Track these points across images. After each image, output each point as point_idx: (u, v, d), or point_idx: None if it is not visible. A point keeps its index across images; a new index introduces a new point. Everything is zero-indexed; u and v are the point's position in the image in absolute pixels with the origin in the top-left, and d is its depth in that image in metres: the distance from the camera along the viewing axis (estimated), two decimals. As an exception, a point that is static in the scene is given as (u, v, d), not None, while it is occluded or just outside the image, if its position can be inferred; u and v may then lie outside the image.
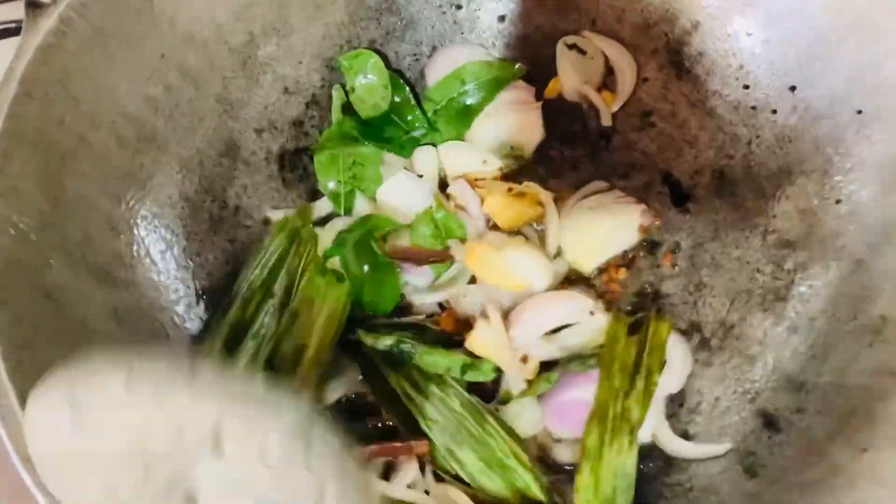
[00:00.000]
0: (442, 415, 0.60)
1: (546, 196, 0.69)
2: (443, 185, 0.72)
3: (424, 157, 0.72)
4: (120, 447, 0.38)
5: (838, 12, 0.61)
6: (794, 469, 0.54)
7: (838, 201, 0.62)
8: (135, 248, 0.62)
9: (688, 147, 0.71)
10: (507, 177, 0.72)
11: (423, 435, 0.60)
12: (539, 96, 0.74)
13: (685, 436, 0.61)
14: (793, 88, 0.66)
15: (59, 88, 0.57)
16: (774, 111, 0.67)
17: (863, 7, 0.59)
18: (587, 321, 0.64)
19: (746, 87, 0.69)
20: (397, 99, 0.73)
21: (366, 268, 0.66)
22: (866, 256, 0.59)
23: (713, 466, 0.59)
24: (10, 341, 0.48)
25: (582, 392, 0.61)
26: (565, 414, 0.62)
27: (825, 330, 0.60)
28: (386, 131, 0.73)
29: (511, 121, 0.72)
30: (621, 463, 0.57)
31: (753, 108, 0.69)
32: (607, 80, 0.75)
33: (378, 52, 0.73)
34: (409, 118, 0.73)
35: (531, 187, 0.69)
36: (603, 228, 0.68)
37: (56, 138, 0.57)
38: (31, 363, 0.48)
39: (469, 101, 0.73)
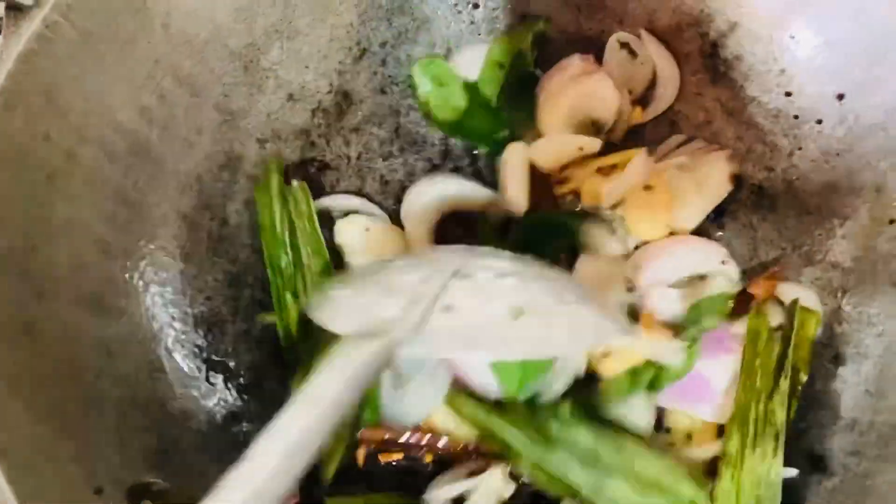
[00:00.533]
0: (574, 457, 0.55)
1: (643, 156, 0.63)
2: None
3: (514, 156, 0.67)
4: (378, 290, 0.50)
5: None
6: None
7: (892, 221, 0.58)
8: (128, 274, 0.57)
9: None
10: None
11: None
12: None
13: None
14: (841, 97, 0.61)
15: (43, 100, 0.53)
16: (820, 121, 0.63)
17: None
18: (718, 273, 0.60)
19: (789, 93, 0.64)
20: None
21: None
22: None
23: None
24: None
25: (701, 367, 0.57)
26: (679, 387, 0.58)
27: (884, 362, 0.55)
28: (475, 129, 0.70)
29: (580, 94, 0.67)
30: (765, 470, 0.54)
31: (796, 117, 0.64)
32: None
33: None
34: (492, 117, 0.69)
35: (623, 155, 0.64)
36: (697, 183, 0.63)
37: (42, 155, 0.53)
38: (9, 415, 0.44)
39: (519, 77, 0.69)
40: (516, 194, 0.65)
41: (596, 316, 0.50)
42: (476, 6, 0.71)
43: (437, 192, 0.66)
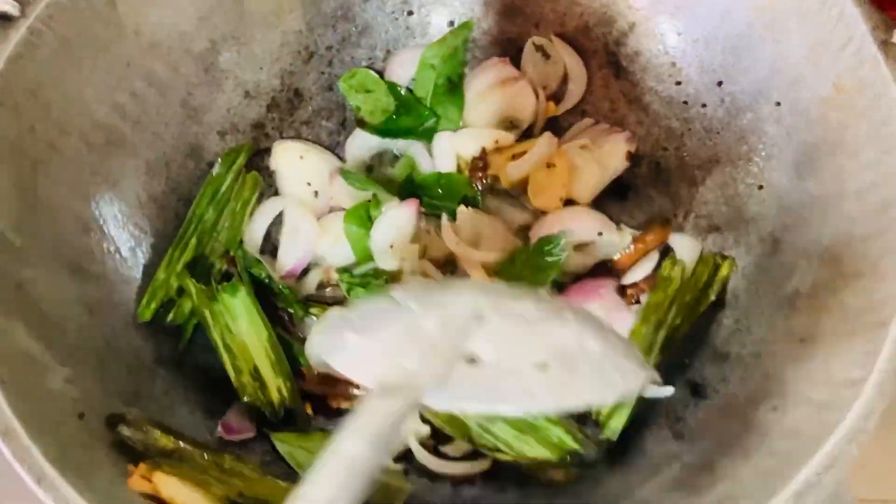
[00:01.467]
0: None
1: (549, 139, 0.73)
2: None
3: (443, 144, 0.76)
4: (397, 337, 0.47)
5: (758, 14, 0.66)
6: (715, 430, 0.59)
7: (760, 187, 0.68)
8: (105, 245, 0.66)
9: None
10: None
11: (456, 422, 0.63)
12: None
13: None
14: (720, 83, 0.71)
15: (29, 97, 0.60)
16: (704, 105, 0.73)
17: (778, 9, 0.64)
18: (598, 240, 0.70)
19: (678, 83, 0.74)
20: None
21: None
22: (783, 237, 0.64)
23: (647, 433, 0.63)
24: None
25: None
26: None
27: (748, 305, 0.65)
28: (403, 128, 0.78)
29: (502, 96, 0.76)
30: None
31: (685, 102, 0.74)
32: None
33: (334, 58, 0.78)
34: (415, 113, 0.78)
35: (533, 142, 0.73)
36: (597, 161, 0.73)
37: (27, 144, 0.60)
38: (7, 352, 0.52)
39: (449, 77, 0.77)
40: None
41: (623, 363, 0.46)
42: (410, 13, 0.80)
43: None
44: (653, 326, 0.65)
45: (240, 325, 0.65)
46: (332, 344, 0.49)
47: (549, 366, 0.45)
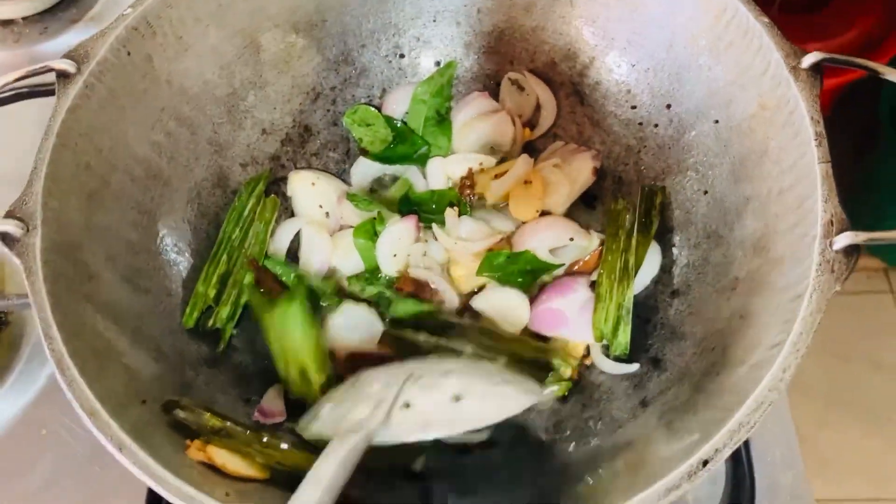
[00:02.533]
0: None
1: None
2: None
3: (435, 168, 0.88)
4: (352, 400, 0.68)
5: (695, 47, 0.78)
6: (673, 396, 0.69)
7: (705, 192, 0.79)
8: (151, 263, 0.76)
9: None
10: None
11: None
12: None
13: (597, 383, 0.77)
14: (669, 106, 0.83)
15: (85, 139, 0.70)
16: (656, 125, 0.84)
17: (710, 42, 0.76)
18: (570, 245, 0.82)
19: (634, 107, 0.86)
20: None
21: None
22: (724, 233, 0.75)
23: (617, 404, 0.74)
24: (64, 335, 0.61)
25: (557, 303, 0.79)
26: (544, 319, 0.80)
27: (699, 292, 0.76)
28: (399, 155, 0.90)
29: (485, 126, 0.88)
30: (624, 298, 0.77)
31: (640, 123, 0.85)
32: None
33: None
34: (410, 142, 0.90)
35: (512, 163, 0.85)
36: (567, 176, 0.85)
37: (84, 179, 0.70)
38: (79, 354, 0.62)
39: (438, 111, 0.90)
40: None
41: (517, 389, 0.66)
42: (402, 56, 0.92)
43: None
44: (619, 253, 0.79)
45: (293, 331, 0.75)
46: (310, 421, 0.69)
47: (462, 398, 0.63)
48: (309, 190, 0.86)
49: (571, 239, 0.81)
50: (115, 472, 0.69)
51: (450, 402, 0.63)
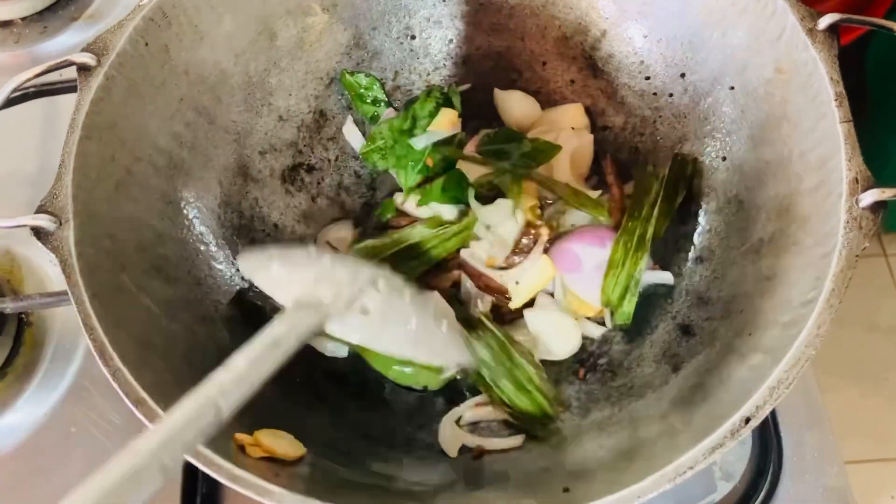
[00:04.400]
0: (486, 355, 0.76)
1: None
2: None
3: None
4: (313, 276, 0.63)
5: (707, 14, 0.79)
6: (705, 360, 0.70)
7: (724, 158, 0.80)
8: (178, 252, 0.77)
9: (608, 131, 0.89)
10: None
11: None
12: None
13: (627, 350, 0.79)
14: (683, 75, 0.84)
15: (109, 132, 0.71)
16: (671, 95, 0.85)
17: (723, 9, 0.77)
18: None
19: (648, 78, 0.87)
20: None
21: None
22: (745, 197, 0.76)
23: (647, 368, 0.75)
24: (104, 326, 0.62)
25: (578, 248, 0.80)
26: (562, 256, 0.80)
27: (722, 256, 0.77)
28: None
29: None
30: (636, 269, 0.78)
31: (655, 94, 0.86)
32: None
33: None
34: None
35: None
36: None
37: (110, 171, 0.71)
38: (119, 342, 0.63)
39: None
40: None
41: (452, 342, 0.68)
42: (413, 37, 0.93)
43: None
44: (639, 221, 0.79)
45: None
46: (258, 266, 0.67)
47: (412, 327, 0.64)
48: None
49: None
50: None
51: (403, 325, 0.64)
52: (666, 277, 0.80)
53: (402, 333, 0.64)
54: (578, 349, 0.80)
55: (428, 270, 0.83)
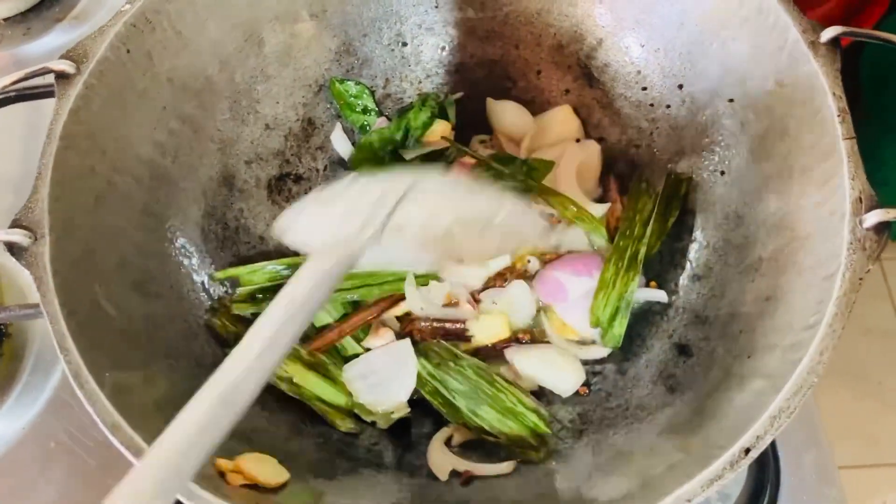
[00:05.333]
0: (462, 385, 0.74)
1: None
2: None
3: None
4: (342, 210, 0.59)
5: (707, 24, 0.77)
6: (702, 381, 0.69)
7: (722, 172, 0.78)
8: (160, 267, 0.75)
9: (604, 142, 0.87)
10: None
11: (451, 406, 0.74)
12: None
13: (622, 369, 0.77)
14: (680, 86, 0.82)
15: (89, 142, 0.68)
16: (668, 106, 0.83)
17: (723, 19, 0.75)
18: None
19: (644, 88, 0.85)
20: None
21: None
22: (745, 213, 0.74)
23: (643, 390, 0.73)
24: (80, 347, 0.59)
25: (563, 276, 0.78)
26: (547, 285, 0.78)
27: (720, 274, 0.75)
28: None
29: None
30: (627, 289, 0.76)
31: (651, 105, 0.84)
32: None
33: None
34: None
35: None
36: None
37: (90, 183, 0.68)
38: (96, 364, 0.60)
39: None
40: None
41: (522, 223, 0.63)
42: (405, 44, 0.90)
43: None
44: (631, 240, 0.78)
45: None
46: (288, 226, 0.62)
47: (459, 230, 0.59)
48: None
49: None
50: (129, 485, 0.67)
51: (447, 231, 0.59)
52: (660, 295, 0.78)
53: (442, 240, 0.58)
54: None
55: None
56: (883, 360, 1.85)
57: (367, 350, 0.77)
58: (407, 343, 0.76)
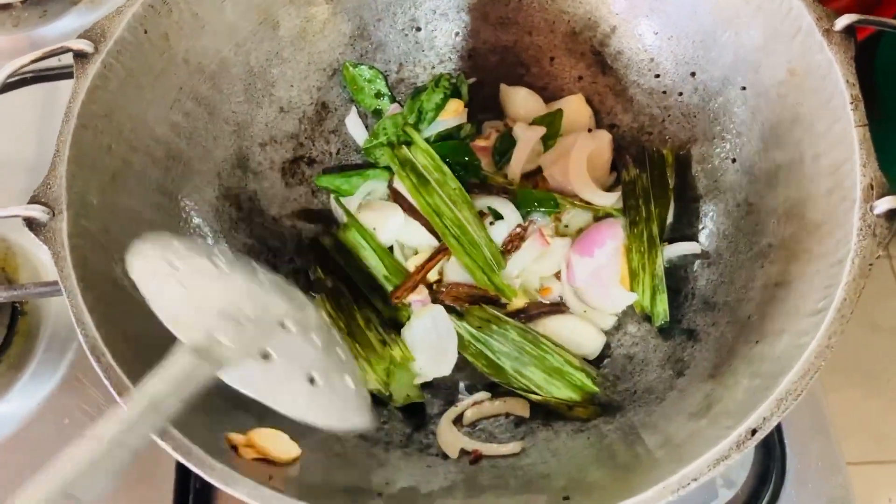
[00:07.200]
0: (505, 346, 0.75)
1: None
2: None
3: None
4: (219, 309, 0.55)
5: (720, 11, 0.77)
6: (710, 365, 0.69)
7: (733, 160, 0.78)
8: (174, 245, 0.75)
9: (616, 129, 0.87)
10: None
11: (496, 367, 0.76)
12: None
13: (629, 354, 0.77)
14: (693, 74, 0.82)
15: (106, 121, 0.69)
16: (681, 94, 0.83)
17: (736, 6, 0.75)
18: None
19: (657, 76, 0.85)
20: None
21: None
22: (755, 200, 0.74)
23: (651, 374, 0.74)
24: (97, 320, 0.60)
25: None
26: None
27: (730, 261, 0.76)
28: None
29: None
30: (655, 267, 0.78)
31: (664, 92, 0.84)
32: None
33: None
34: None
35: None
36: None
37: (106, 162, 0.69)
38: (115, 338, 0.61)
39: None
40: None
41: (357, 402, 0.59)
42: (419, 29, 0.91)
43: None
44: (642, 224, 0.80)
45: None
46: (158, 285, 0.56)
47: (317, 382, 0.55)
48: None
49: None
50: (144, 459, 0.67)
51: (305, 380, 0.55)
52: (693, 248, 0.80)
53: (299, 391, 0.55)
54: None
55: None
56: (892, 357, 1.84)
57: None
58: (441, 309, 0.78)
